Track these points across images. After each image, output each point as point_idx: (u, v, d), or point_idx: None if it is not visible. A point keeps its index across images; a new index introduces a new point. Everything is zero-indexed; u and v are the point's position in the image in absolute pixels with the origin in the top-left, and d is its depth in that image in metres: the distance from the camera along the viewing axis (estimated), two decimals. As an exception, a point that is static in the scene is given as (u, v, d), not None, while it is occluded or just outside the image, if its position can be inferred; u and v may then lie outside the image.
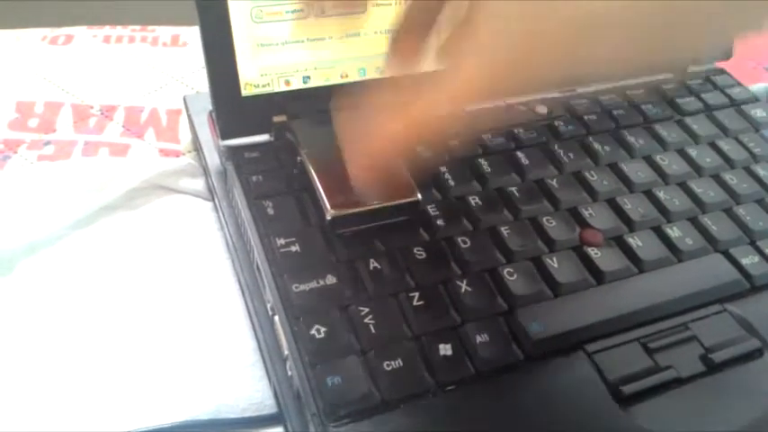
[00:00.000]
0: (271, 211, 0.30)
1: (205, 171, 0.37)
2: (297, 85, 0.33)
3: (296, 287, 0.28)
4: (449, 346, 0.27)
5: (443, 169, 0.34)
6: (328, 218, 0.29)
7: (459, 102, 0.22)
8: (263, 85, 0.33)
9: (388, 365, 0.26)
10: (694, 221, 0.34)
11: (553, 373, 0.27)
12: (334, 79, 0.34)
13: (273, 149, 0.34)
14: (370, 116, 0.24)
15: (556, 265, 0.30)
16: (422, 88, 0.22)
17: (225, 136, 0.33)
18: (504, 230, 0.32)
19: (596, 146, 0.37)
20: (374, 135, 0.23)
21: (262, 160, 0.33)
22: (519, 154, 0.36)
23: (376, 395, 0.25)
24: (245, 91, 0.33)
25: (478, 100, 0.21)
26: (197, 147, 0.39)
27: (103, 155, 0.40)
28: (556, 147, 0.37)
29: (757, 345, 0.29)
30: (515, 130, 0.37)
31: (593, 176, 0.35)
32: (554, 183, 0.35)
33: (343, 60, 0.34)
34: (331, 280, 0.28)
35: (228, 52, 0.31)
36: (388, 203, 0.30)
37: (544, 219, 0.33)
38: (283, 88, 0.33)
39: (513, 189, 0.34)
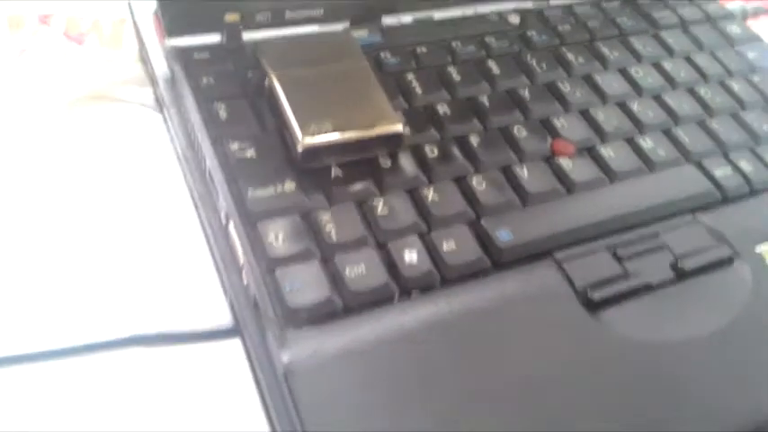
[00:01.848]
0: (223, 114, 0.28)
1: (152, 79, 0.34)
2: (251, -20, 0.31)
3: (251, 192, 0.26)
4: (414, 253, 0.25)
5: (410, 77, 0.32)
6: (300, 149, 0.26)
7: None
8: (214, -20, 0.30)
9: (350, 271, 0.24)
10: (667, 133, 0.33)
11: (521, 280, 0.26)
12: (293, -24, 0.31)
13: (225, 52, 0.31)
14: None
15: (526, 175, 0.29)
16: None
17: (171, 33, 0.30)
18: (474, 140, 0.30)
19: (570, 57, 0.35)
20: None
21: (213, 62, 0.30)
22: (490, 63, 0.34)
23: (337, 301, 0.24)
24: (194, -15, 0.30)
25: None
26: (143, 55, 0.36)
27: (39, 62, 0.37)
28: (528, 57, 0.35)
29: (727, 253, 0.28)
30: (486, 39, 0.35)
31: (565, 87, 0.34)
32: (525, 93, 0.33)
33: (303, -45, 0.31)
34: (290, 186, 0.27)
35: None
36: (368, 133, 0.28)
37: (515, 128, 0.31)
38: (236, -16, 0.31)
39: (484, 98, 0.32)
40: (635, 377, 0.24)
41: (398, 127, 0.28)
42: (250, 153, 0.27)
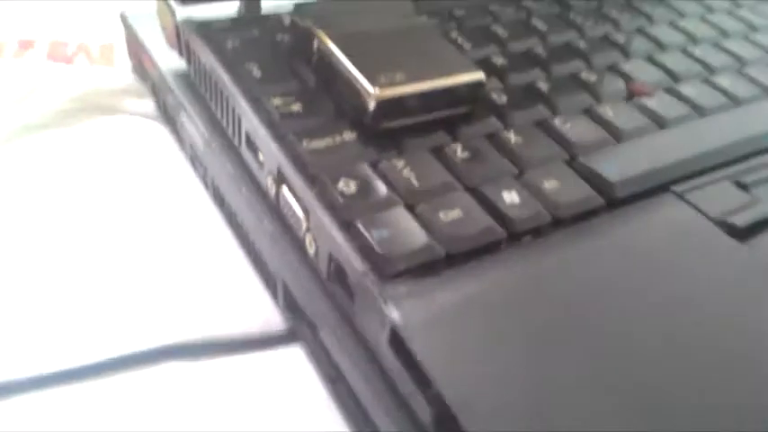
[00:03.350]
0: (258, 73, 0.24)
1: (154, 88, 0.31)
2: (271, -59, 0.27)
3: (307, 144, 0.21)
4: (514, 194, 0.21)
5: (455, 35, 0.29)
6: (372, 106, 0.21)
7: None
8: (230, -60, 0.27)
9: (445, 216, 0.20)
10: (740, 73, 0.30)
11: (646, 215, 0.22)
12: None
13: (246, 21, 0.27)
14: None
15: (611, 113, 0.25)
16: None
17: (185, 2, 0.26)
18: (542, 85, 0.26)
19: (614, 14, 0.33)
20: None
21: (235, 29, 0.26)
22: (534, 21, 0.31)
23: (438, 248, 0.19)
24: (209, -54, 0.26)
25: None
26: (142, 66, 0.32)
27: (29, 80, 0.33)
28: (571, 15, 0.32)
29: None
30: (523, 2, 0.32)
31: (620, 38, 0.31)
32: (581, 44, 0.30)
33: None
34: (350, 136, 0.22)
35: None
36: (447, 82, 0.23)
37: (582, 74, 0.28)
38: (254, -54, 0.27)
39: (539, 50, 0.29)
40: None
41: (480, 75, 0.23)
42: (296, 107, 0.23)
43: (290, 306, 0.22)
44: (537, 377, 0.16)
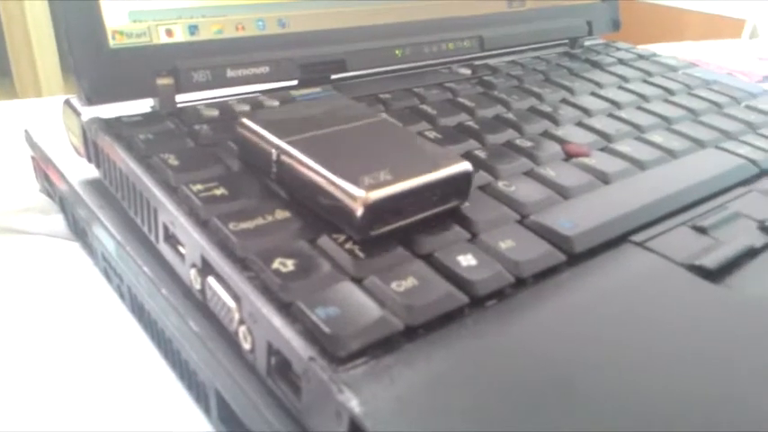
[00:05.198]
0: (174, 162, 0.22)
1: (63, 200, 0.28)
2: (181, 36, 0.26)
3: (234, 226, 0.19)
4: (470, 256, 0.19)
5: (383, 115, 0.28)
6: (360, 212, 0.18)
7: None
8: (138, 36, 0.25)
9: (398, 286, 0.17)
10: (670, 130, 0.30)
11: (612, 266, 0.20)
12: (229, 32, 0.28)
13: (160, 116, 0.25)
14: None
15: (553, 173, 0.24)
16: None
17: (92, 99, 0.24)
18: (480, 153, 0.25)
19: (536, 89, 0.33)
20: None
21: (148, 124, 0.25)
22: (461, 99, 0.31)
23: (395, 321, 0.16)
24: (114, 42, 0.25)
25: None
26: (47, 185, 0.30)
27: None
28: (496, 93, 0.32)
29: (808, 208, 0.24)
30: (446, 84, 0.32)
31: (547, 108, 0.31)
32: (511, 116, 0.29)
33: (237, 8, 0.28)
34: (283, 214, 0.20)
35: (87, -10, 0.24)
36: (436, 177, 0.20)
37: (517, 141, 0.27)
38: (165, 40, 0.26)
39: (470, 123, 0.28)
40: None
41: (467, 165, 0.21)
42: (220, 191, 0.21)
43: (226, 419, 0.19)
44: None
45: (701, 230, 0.22)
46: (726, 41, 0.76)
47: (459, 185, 0.21)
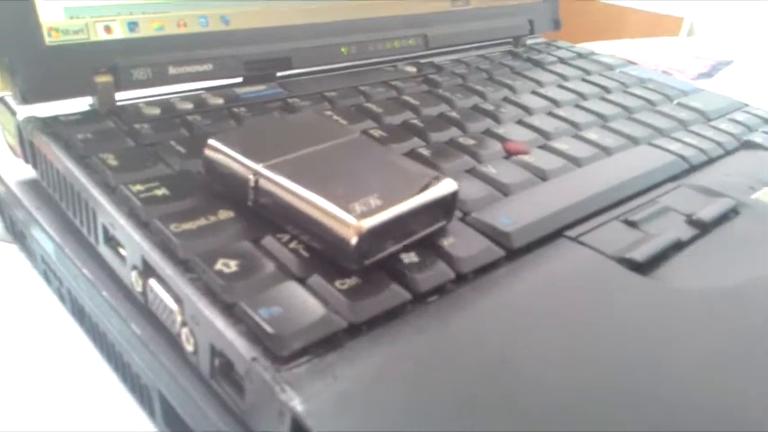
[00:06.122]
0: (114, 162, 0.22)
1: (0, 205, 0.27)
2: (120, 33, 0.26)
3: (176, 227, 0.19)
4: (412, 254, 0.19)
5: (330, 114, 0.28)
6: (354, 240, 0.17)
7: None
8: (75, 32, 0.25)
9: (341, 284, 0.17)
10: (605, 128, 0.31)
11: (547, 261, 0.21)
12: (170, 29, 0.27)
13: (98, 115, 0.25)
14: None
15: (494, 171, 0.25)
16: None
17: (28, 98, 0.24)
18: (423, 151, 0.26)
19: (479, 87, 0.34)
20: None
21: (86, 122, 0.24)
22: (406, 98, 0.31)
23: (338, 319, 0.16)
24: (50, 39, 0.24)
25: None
26: None
27: None
28: (441, 91, 0.32)
29: (731, 202, 0.25)
30: (392, 83, 0.33)
31: (490, 107, 0.31)
32: (454, 114, 0.30)
33: (179, 5, 0.27)
34: (226, 215, 0.20)
35: (20, -15, 0.23)
36: (426, 199, 0.20)
37: (459, 140, 0.27)
38: (103, 37, 0.25)
39: (415, 121, 0.29)
40: (716, 324, 0.19)
41: (454, 185, 0.20)
42: (161, 192, 0.20)
43: (171, 421, 0.18)
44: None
45: (632, 225, 0.23)
46: (664, 39, 0.79)
47: (447, 205, 0.21)
